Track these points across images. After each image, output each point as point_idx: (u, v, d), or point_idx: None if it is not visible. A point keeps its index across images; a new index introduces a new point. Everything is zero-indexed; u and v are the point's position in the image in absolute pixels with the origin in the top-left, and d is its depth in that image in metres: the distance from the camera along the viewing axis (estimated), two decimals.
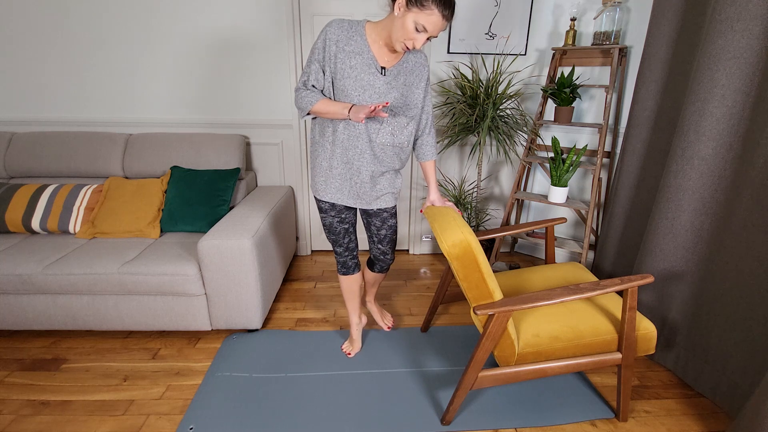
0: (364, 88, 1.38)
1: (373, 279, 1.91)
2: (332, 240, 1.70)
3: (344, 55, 1.36)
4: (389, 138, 1.47)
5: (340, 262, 1.77)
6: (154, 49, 2.42)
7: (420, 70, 1.47)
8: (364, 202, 1.57)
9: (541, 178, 2.83)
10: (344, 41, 1.36)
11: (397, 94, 1.42)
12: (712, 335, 1.60)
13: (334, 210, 1.61)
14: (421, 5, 1.22)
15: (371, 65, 1.38)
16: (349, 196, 1.56)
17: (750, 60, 1.42)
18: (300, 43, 2.45)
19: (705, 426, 1.55)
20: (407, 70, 1.44)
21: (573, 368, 1.45)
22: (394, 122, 1.46)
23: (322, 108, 1.41)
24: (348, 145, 1.47)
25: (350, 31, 1.37)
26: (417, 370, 1.80)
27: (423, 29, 1.25)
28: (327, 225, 1.66)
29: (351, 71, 1.37)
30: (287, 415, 1.56)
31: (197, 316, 1.92)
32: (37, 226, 2.09)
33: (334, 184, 1.54)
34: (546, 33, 2.55)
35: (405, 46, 1.30)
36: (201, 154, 2.36)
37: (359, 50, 1.37)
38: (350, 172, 1.51)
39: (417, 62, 1.46)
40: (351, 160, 1.49)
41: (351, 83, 1.37)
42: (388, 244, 1.73)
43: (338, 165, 1.50)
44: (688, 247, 1.68)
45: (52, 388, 1.69)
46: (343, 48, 1.36)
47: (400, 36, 1.28)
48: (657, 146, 1.94)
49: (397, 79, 1.42)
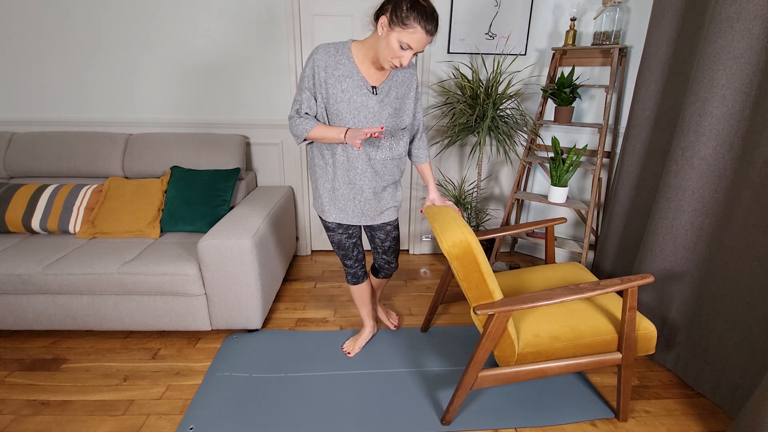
0: (358, 110, 1.38)
1: (378, 284, 1.95)
2: (342, 255, 1.72)
3: (334, 80, 1.36)
4: (388, 153, 1.49)
5: (350, 273, 1.79)
6: (154, 49, 2.42)
7: (409, 81, 1.48)
8: (369, 219, 1.59)
9: (541, 178, 2.83)
10: (332, 66, 1.36)
11: (390, 110, 1.44)
12: (712, 335, 1.60)
13: (341, 228, 1.63)
14: (404, 24, 1.21)
15: (362, 86, 1.38)
16: (353, 216, 1.57)
17: (750, 60, 1.42)
18: (300, 43, 2.45)
19: (705, 426, 1.55)
20: (397, 83, 1.45)
21: (573, 368, 1.45)
22: (390, 137, 1.48)
23: (318, 134, 1.41)
24: (349, 167, 1.48)
25: (337, 55, 1.37)
26: (417, 370, 1.80)
27: (408, 47, 1.25)
28: (336, 242, 1.68)
29: (343, 95, 1.37)
30: (287, 415, 1.56)
31: (197, 316, 1.92)
32: (37, 226, 2.09)
33: (338, 204, 1.55)
34: (546, 33, 2.55)
35: (393, 64, 1.30)
36: (201, 154, 2.36)
37: (348, 73, 1.37)
38: (353, 192, 1.52)
39: (405, 73, 1.47)
40: (353, 180, 1.50)
41: (344, 107, 1.37)
42: (392, 254, 1.76)
43: (341, 186, 1.52)
44: (688, 247, 1.68)
45: (52, 388, 1.69)
46: (332, 73, 1.36)
47: (386, 55, 1.28)
48: (657, 146, 1.94)
49: (388, 95, 1.43)
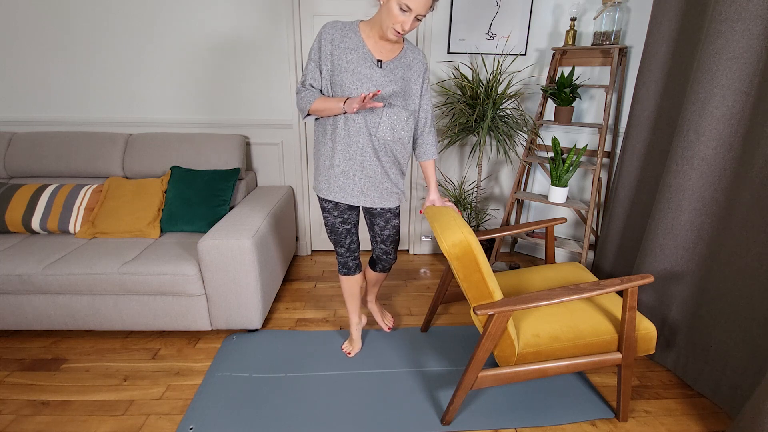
0: (361, 81, 1.41)
1: (375, 278, 1.91)
2: (334, 240, 1.71)
3: (340, 52, 1.41)
4: (389, 132, 1.48)
5: (341, 262, 1.77)
6: (155, 49, 2.42)
7: (417, 66, 1.49)
8: (368, 201, 1.57)
9: (541, 178, 2.83)
10: (339, 39, 1.41)
11: (395, 87, 1.45)
12: (712, 335, 1.60)
13: (337, 210, 1.62)
14: None
15: (367, 58, 1.41)
16: (352, 195, 1.55)
17: (750, 60, 1.42)
18: (300, 43, 2.45)
19: (705, 426, 1.55)
20: (405, 65, 1.47)
21: (573, 368, 1.45)
22: (393, 116, 1.47)
23: (320, 105, 1.44)
24: (349, 141, 1.48)
25: (344, 29, 1.42)
26: (417, 370, 1.80)
27: (407, 8, 1.28)
28: (329, 225, 1.66)
29: (348, 65, 1.41)
30: (287, 415, 1.56)
31: (197, 316, 1.92)
32: (37, 226, 2.09)
33: (337, 182, 1.54)
34: (546, 33, 2.55)
35: (395, 31, 1.33)
36: (201, 154, 2.36)
37: (354, 46, 1.41)
38: (353, 169, 1.51)
39: (415, 58, 1.49)
40: (353, 156, 1.49)
41: (348, 77, 1.41)
42: (390, 244, 1.74)
43: (340, 163, 1.51)
44: (688, 247, 1.68)
45: (52, 388, 1.69)
46: (339, 45, 1.41)
47: (388, 22, 1.32)
48: (657, 146, 1.94)
49: (394, 72, 1.44)
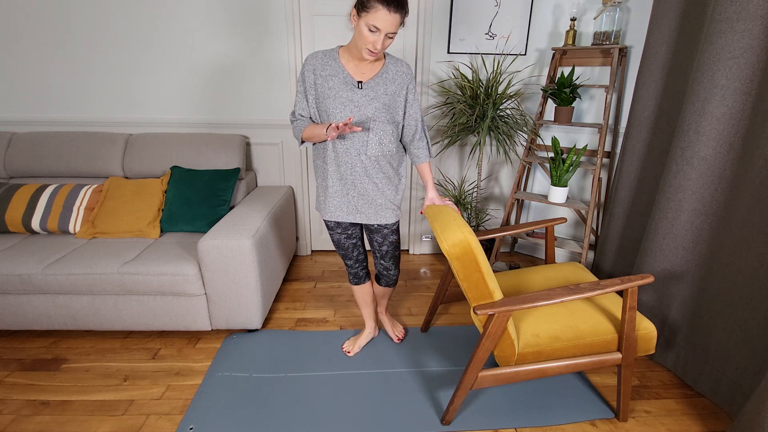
0: (344, 104, 1.46)
1: (382, 292, 1.93)
2: (342, 254, 1.76)
3: (322, 80, 1.47)
4: (378, 148, 1.51)
5: (351, 273, 1.81)
6: (154, 50, 2.42)
7: (401, 78, 1.52)
8: (364, 217, 1.60)
9: (541, 178, 2.83)
10: (320, 68, 1.48)
11: (378, 104, 1.48)
12: (712, 335, 1.60)
13: (340, 227, 1.67)
14: (366, 8, 1.30)
15: (348, 82, 1.46)
16: (348, 213, 1.60)
17: (750, 60, 1.42)
18: (300, 43, 2.45)
19: (705, 426, 1.55)
20: (387, 80, 1.49)
21: (573, 368, 1.45)
22: (380, 131, 1.50)
23: (309, 133, 1.50)
24: (339, 162, 1.53)
25: (324, 58, 1.49)
26: (417, 370, 1.80)
27: (375, 29, 1.32)
28: (335, 241, 1.72)
29: (330, 91, 1.46)
30: (287, 415, 1.56)
31: (197, 316, 1.92)
32: (37, 226, 2.09)
33: (333, 202, 1.59)
34: (546, 33, 2.55)
35: (369, 51, 1.37)
36: (201, 154, 2.36)
37: (335, 72, 1.47)
38: (345, 188, 1.56)
39: (398, 71, 1.51)
40: (344, 176, 1.54)
41: (331, 102, 1.46)
42: (390, 260, 1.75)
43: (333, 183, 1.56)
44: (688, 247, 1.68)
45: (52, 388, 1.69)
46: (320, 74, 1.47)
47: (361, 44, 1.37)
48: (657, 146, 1.94)
49: (375, 90, 1.47)
